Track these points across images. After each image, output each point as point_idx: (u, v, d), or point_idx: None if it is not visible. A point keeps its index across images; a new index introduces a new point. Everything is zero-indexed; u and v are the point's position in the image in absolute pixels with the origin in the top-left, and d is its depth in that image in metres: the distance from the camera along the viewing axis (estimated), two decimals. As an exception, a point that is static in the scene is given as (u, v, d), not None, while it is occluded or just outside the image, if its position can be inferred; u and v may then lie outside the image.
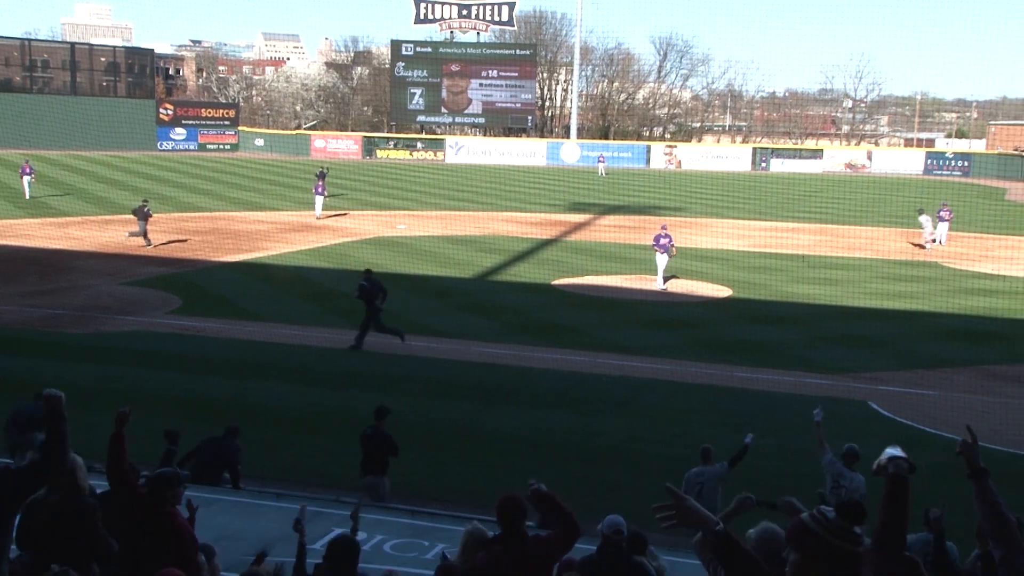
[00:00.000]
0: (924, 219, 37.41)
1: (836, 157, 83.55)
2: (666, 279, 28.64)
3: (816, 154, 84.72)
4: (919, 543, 7.80)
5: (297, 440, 15.05)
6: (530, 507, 6.16)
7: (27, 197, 45.13)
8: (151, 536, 6.08)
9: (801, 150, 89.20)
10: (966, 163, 78.73)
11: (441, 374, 19.22)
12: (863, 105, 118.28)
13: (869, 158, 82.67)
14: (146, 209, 32.99)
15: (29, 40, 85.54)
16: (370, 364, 19.63)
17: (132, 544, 6.36)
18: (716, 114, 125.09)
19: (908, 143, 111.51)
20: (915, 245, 37.53)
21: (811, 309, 26.28)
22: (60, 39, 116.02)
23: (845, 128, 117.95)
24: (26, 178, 46.01)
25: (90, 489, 6.65)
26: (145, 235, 32.79)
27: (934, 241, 37.41)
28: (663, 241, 28.17)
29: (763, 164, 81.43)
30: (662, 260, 28.22)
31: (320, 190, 42.81)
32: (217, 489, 11.37)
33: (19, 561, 6.40)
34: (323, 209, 42.81)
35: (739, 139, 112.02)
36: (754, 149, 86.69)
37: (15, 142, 69.59)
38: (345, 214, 44.07)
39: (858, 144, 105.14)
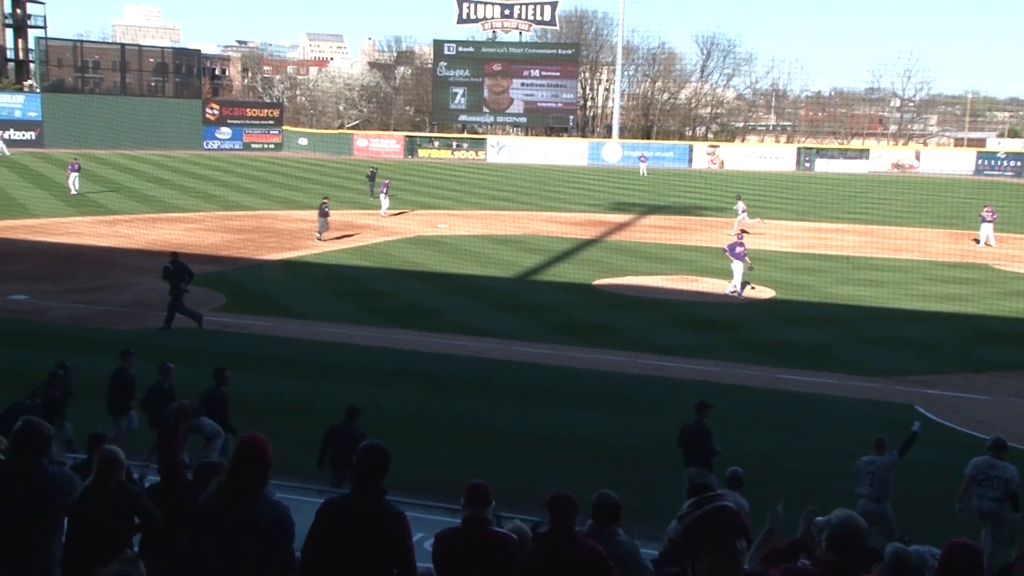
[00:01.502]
0: (739, 206, 39.93)
1: (883, 157, 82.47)
2: (744, 285, 27.65)
3: (862, 154, 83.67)
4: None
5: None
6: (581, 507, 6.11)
7: (73, 192, 46.02)
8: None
9: (847, 150, 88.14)
10: (1019, 163, 77.32)
11: (480, 373, 19.24)
12: (911, 104, 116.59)
13: (917, 158, 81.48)
14: (325, 208, 34.94)
15: (81, 41, 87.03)
16: (408, 362, 19.67)
17: (178, 531, 6.53)
18: (760, 113, 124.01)
19: (958, 143, 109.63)
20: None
21: (856, 311, 25.94)
22: (111, 40, 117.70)
23: (892, 128, 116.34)
24: (73, 174, 46.92)
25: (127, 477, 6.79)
26: (322, 230, 34.97)
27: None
28: (739, 250, 27.44)
29: (807, 164, 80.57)
30: (738, 267, 27.43)
31: (384, 189, 43.46)
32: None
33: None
34: (384, 209, 43.25)
35: (783, 139, 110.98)
36: (798, 149, 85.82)
37: (66, 142, 70.81)
38: (404, 213, 44.36)
39: (906, 144, 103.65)
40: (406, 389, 17.51)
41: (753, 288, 28.00)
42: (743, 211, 40.92)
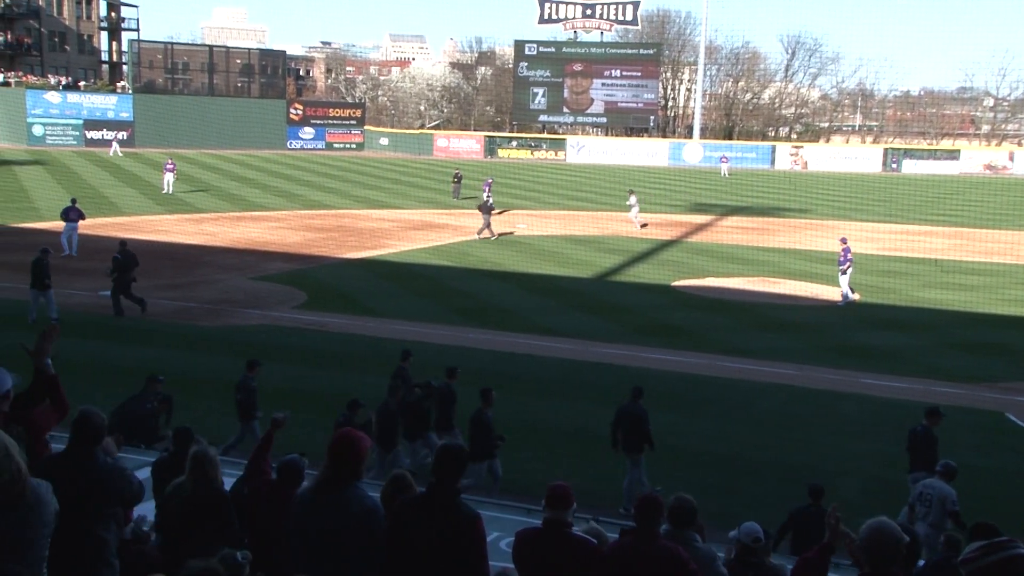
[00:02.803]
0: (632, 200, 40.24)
1: (974, 158, 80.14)
2: (852, 289, 26.99)
3: (952, 155, 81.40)
4: None
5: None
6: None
7: (166, 192, 46.93)
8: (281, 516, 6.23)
9: (936, 151, 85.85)
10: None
11: (557, 374, 19.20)
12: (1006, 104, 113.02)
13: (1011, 159, 78.99)
14: (490, 203, 36.48)
15: (171, 44, 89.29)
16: (482, 361, 19.70)
17: (263, 526, 6.82)
18: (845, 114, 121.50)
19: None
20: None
21: (943, 315, 25.25)
22: (200, 42, 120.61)
23: (985, 128, 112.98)
24: (168, 175, 47.85)
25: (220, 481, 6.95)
26: (488, 227, 36.03)
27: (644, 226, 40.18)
28: (850, 255, 26.74)
29: (894, 165, 78.71)
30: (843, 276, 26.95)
31: (487, 188, 43.96)
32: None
33: (159, 546, 6.84)
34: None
35: (869, 139, 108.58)
36: (885, 150, 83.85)
37: (156, 141, 72.67)
38: (503, 212, 44.64)
39: (999, 144, 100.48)
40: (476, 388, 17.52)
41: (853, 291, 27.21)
42: (634, 206, 40.64)
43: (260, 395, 14.47)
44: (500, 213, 42.90)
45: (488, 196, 42.55)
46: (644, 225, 40.28)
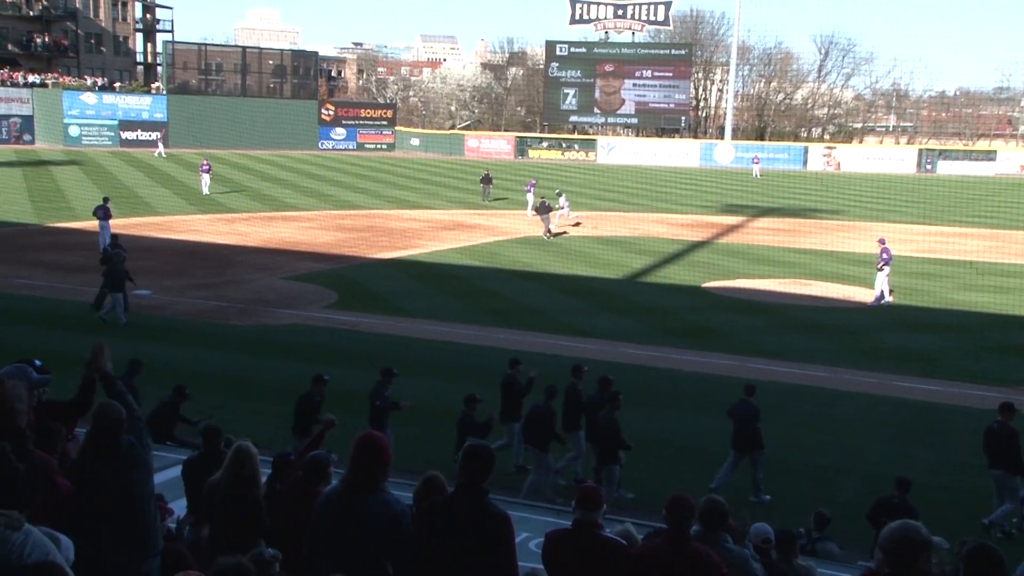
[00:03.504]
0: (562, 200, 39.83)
1: (1012, 159, 79.07)
2: (889, 292, 26.76)
3: (989, 156, 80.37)
4: None
5: (440, 433, 15.18)
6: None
7: (204, 193, 46.99)
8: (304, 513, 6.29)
9: (972, 151, 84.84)
10: None
11: (588, 374, 19.12)
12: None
13: (1048, 160, 77.91)
14: (547, 203, 37.55)
15: (205, 45, 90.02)
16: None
17: (289, 520, 6.84)
18: (879, 114, 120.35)
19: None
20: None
21: (979, 318, 24.95)
22: (233, 43, 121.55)
23: (1022, 128, 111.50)
24: (205, 176, 47.87)
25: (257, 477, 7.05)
26: (548, 228, 36.79)
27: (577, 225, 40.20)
28: (886, 256, 26.62)
29: (928, 166, 77.85)
30: (882, 275, 26.66)
31: (531, 189, 44.27)
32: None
33: (200, 535, 7.06)
34: (530, 208, 43.90)
35: (903, 140, 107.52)
36: (920, 151, 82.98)
37: (189, 142, 73.31)
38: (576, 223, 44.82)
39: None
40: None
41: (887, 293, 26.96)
42: (565, 206, 40.32)
43: (290, 393, 14.53)
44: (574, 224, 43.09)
45: (532, 196, 43.42)
46: (577, 224, 39.58)
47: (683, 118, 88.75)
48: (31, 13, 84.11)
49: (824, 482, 14.03)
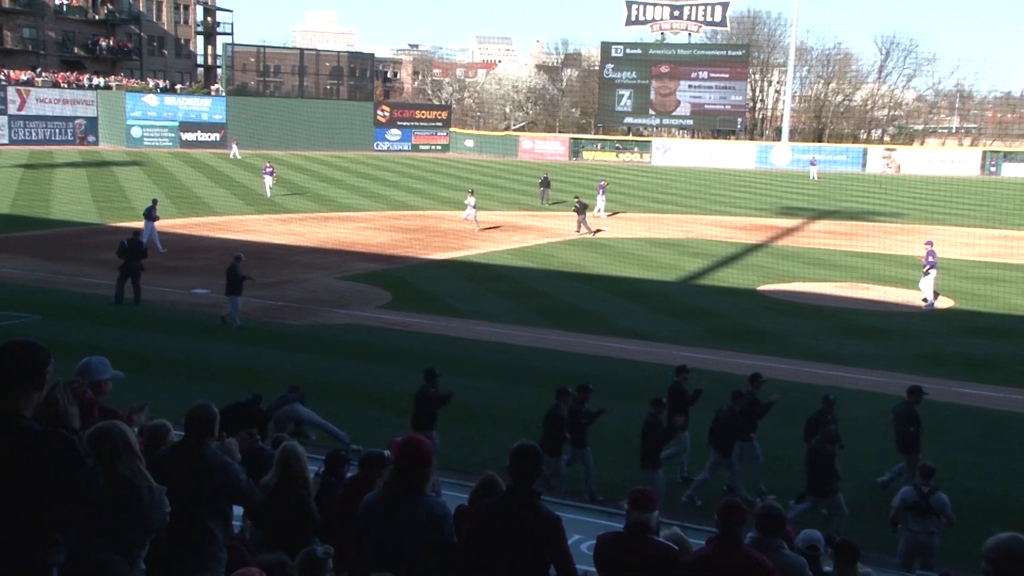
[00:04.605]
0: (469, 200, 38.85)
1: (1078, 161, 77.11)
2: (935, 295, 26.47)
3: (1055, 158, 78.48)
4: None
5: (492, 435, 15.21)
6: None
7: (268, 196, 46.96)
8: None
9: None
10: None
11: (639, 376, 19.04)
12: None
13: (1116, 162, 75.82)
14: (584, 202, 38.79)
15: (264, 47, 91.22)
16: (566, 364, 19.64)
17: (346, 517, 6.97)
18: (942, 116, 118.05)
19: None
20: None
21: (1043, 324, 24.36)
22: (291, 45, 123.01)
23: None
24: (267, 178, 47.75)
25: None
26: (581, 224, 37.88)
27: None
28: (932, 259, 26.31)
29: (993, 168, 76.24)
30: (928, 278, 26.33)
31: (602, 190, 44.53)
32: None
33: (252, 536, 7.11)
34: (599, 208, 44.13)
35: (966, 142, 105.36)
36: (983, 152, 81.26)
37: (247, 143, 74.27)
38: (615, 214, 44.67)
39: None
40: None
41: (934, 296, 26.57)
42: (472, 207, 38.93)
43: (343, 392, 14.66)
44: (612, 215, 43.29)
45: (603, 197, 44.32)
46: (481, 229, 38.35)
47: (739, 120, 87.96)
48: (96, 17, 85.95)
49: (878, 489, 13.81)
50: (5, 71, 74.27)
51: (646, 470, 12.51)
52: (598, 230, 39.05)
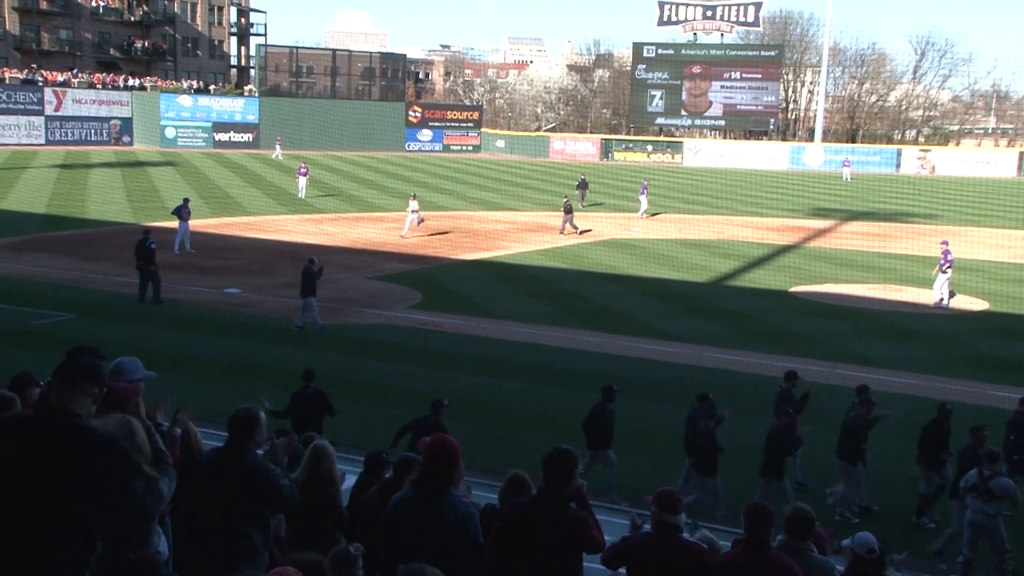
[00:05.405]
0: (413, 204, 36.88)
1: (1117, 162, 75.96)
2: (950, 294, 26.42)
3: (1093, 159, 77.32)
4: None
5: (522, 436, 15.20)
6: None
7: (301, 196, 46.96)
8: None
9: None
10: None
11: (670, 376, 18.98)
12: None
13: None
14: (568, 204, 38.60)
15: (296, 48, 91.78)
16: (597, 364, 19.62)
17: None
18: (978, 116, 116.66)
19: None
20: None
21: (1081, 327, 23.99)
22: (323, 46, 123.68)
23: None
24: (302, 179, 47.68)
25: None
26: (567, 224, 37.65)
27: None
28: (950, 257, 26.23)
29: (1030, 169, 75.22)
30: (941, 277, 26.26)
31: (644, 191, 44.52)
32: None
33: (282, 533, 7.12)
34: (643, 210, 44.21)
35: (1003, 143, 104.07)
36: (1020, 153, 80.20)
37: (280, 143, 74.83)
38: (656, 215, 44.77)
39: None
40: (595, 392, 17.46)
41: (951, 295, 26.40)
42: (414, 211, 36.83)
43: (375, 391, 14.68)
44: (655, 215, 42.94)
45: (646, 198, 44.31)
46: (422, 221, 36.90)
47: (772, 120, 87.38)
48: (132, 18, 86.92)
49: (914, 494, 13.65)
50: (42, 72, 75.28)
51: (768, 479, 12.35)
52: (586, 230, 38.64)
